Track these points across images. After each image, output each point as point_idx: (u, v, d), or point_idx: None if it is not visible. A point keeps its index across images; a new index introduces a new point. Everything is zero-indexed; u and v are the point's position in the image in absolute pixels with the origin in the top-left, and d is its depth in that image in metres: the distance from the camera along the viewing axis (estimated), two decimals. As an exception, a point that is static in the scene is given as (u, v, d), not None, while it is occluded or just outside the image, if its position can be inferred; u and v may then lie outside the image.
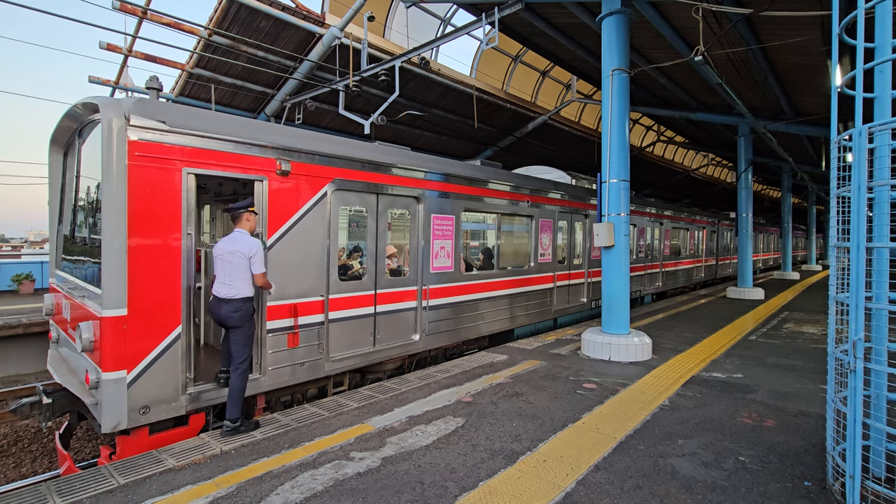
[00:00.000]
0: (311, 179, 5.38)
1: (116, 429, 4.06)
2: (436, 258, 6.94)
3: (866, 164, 2.93)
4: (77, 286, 4.95)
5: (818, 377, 5.98)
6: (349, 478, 3.43)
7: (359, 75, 9.73)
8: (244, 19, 10.11)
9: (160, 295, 4.25)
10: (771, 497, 3.24)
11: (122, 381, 4.04)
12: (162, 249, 4.27)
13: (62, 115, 5.39)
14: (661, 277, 14.75)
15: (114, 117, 4.04)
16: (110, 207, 4.03)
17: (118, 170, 4.04)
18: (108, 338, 3.99)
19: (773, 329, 9.36)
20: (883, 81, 3.23)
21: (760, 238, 27.74)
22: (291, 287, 5.21)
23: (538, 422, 4.50)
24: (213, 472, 3.53)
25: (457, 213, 7.31)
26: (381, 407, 4.86)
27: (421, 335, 6.68)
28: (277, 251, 5.06)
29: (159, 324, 4.25)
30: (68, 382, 4.60)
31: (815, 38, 7.58)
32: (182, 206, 4.37)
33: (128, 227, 4.07)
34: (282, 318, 5.11)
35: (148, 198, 4.19)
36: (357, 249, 6.30)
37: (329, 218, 5.52)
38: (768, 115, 12.72)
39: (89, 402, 4.21)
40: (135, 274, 4.10)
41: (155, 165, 4.23)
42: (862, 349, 2.87)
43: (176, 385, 4.34)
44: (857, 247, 2.94)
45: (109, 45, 9.75)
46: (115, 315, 4.00)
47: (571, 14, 8.22)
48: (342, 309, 5.71)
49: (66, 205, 5.95)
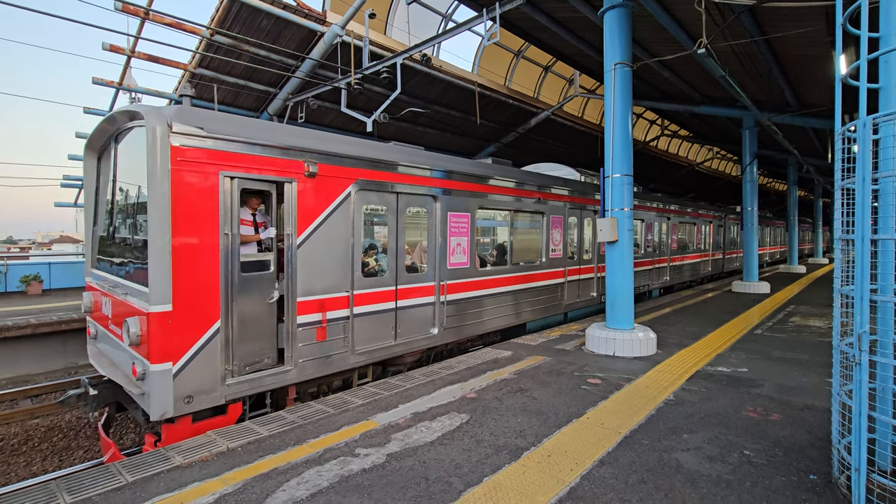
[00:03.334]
0: (336, 180, 5.63)
1: (163, 417, 4.33)
2: (452, 254, 7.17)
3: (871, 155, 2.90)
4: (118, 284, 5.14)
5: (824, 371, 5.95)
6: (354, 474, 3.45)
7: (360, 73, 9.72)
8: (246, 18, 10.13)
9: (201, 291, 4.52)
10: (776, 491, 3.23)
11: (168, 372, 4.32)
12: (202, 248, 4.53)
13: (100, 121, 5.67)
14: (668, 272, 14.86)
15: (157, 125, 4.29)
16: (155, 209, 4.29)
17: (162, 174, 4.30)
18: (154, 332, 4.27)
19: (779, 323, 9.31)
20: (889, 71, 3.20)
21: (767, 232, 27.59)
22: (319, 283, 5.45)
23: (542, 417, 4.50)
24: (219, 469, 3.56)
25: (472, 210, 7.51)
26: (385, 404, 4.88)
27: (439, 329, 6.91)
28: (306, 249, 5.32)
29: (200, 319, 4.51)
30: (114, 374, 4.89)
31: (820, 29, 7.49)
32: (219, 207, 4.65)
33: (171, 228, 4.32)
34: (311, 312, 5.35)
35: (189, 200, 4.44)
36: (373, 247, 6.48)
37: (353, 217, 5.77)
38: (773, 108, 12.61)
39: (136, 392, 4.49)
40: (178, 272, 4.36)
41: (194, 169, 4.49)
42: (867, 342, 2.85)
43: (216, 376, 4.61)
44: (861, 239, 2.92)
45: (112, 46, 9.79)
46: (161, 311, 4.28)
47: (573, 8, 8.17)
48: (366, 304, 5.96)
49: (101, 207, 6.23)
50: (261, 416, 5.04)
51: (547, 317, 9.46)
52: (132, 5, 8.65)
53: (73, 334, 9.60)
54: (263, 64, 10.70)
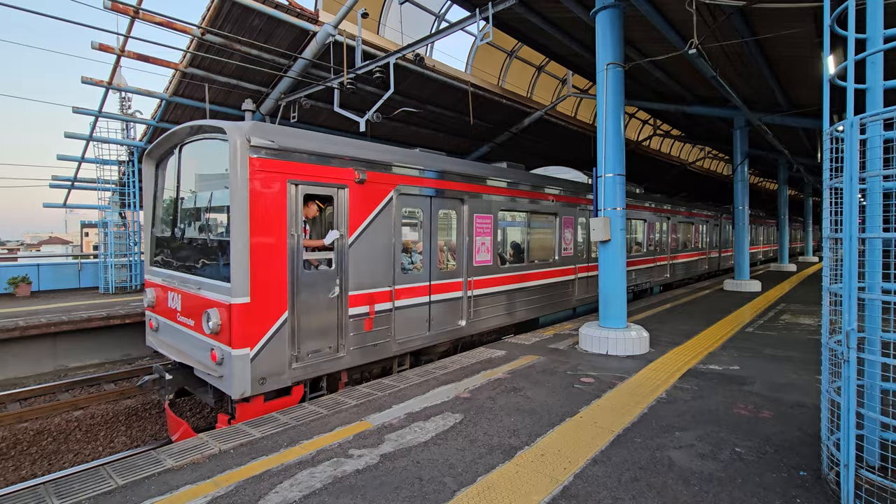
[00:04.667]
0: (380, 186, 6.23)
1: (242, 396, 4.89)
2: (478, 253, 7.76)
3: (858, 154, 2.94)
4: (189, 280, 5.67)
5: (814, 368, 6.01)
6: (348, 475, 3.44)
7: (353, 73, 9.69)
8: (237, 17, 10.06)
9: (273, 285, 5.07)
10: (767, 487, 3.26)
11: (247, 356, 4.88)
12: (274, 248, 5.09)
13: (167, 133, 6.33)
14: (669, 269, 15.47)
15: (238, 139, 4.86)
16: (237, 213, 4.84)
17: (242, 182, 4.86)
18: (236, 321, 4.83)
19: (770, 321, 9.40)
20: (875, 72, 3.23)
21: (761, 230, 27.92)
22: (367, 279, 6.06)
23: (536, 416, 4.52)
24: (211, 471, 3.54)
25: (494, 212, 8.13)
26: (379, 404, 4.87)
27: (466, 321, 7.52)
28: (356, 248, 5.93)
29: (272, 310, 5.07)
30: (187, 360, 5.47)
31: (808, 30, 7.57)
32: (289, 212, 5.21)
33: (249, 230, 4.86)
34: (360, 305, 5.96)
35: (263, 205, 5.01)
36: (410, 246, 7.03)
37: (394, 219, 6.37)
38: (763, 108, 12.73)
39: (215, 376, 5.04)
40: (255, 268, 4.90)
41: (267, 178, 5.05)
42: (855, 339, 2.89)
43: (284, 360, 5.18)
44: (849, 237, 2.95)
45: (101, 45, 9.69)
46: (242, 302, 4.84)
47: (565, 8, 8.20)
48: (405, 298, 6.57)
49: (159, 210, 6.83)
50: (318, 397, 5.59)
51: (558, 311, 10.00)
52: (122, 4, 8.57)
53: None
54: (255, 63, 10.64)
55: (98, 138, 13.29)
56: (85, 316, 9.88)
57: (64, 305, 11.35)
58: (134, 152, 13.91)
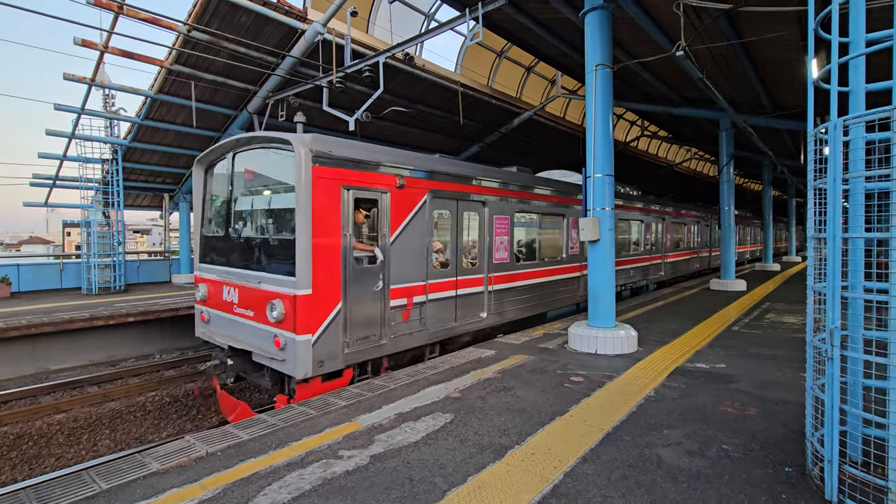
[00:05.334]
0: (417, 191, 6.88)
1: (305, 376, 5.50)
2: (497, 251, 8.41)
3: (842, 156, 2.99)
4: (247, 275, 6.23)
5: (799, 366, 6.12)
6: (337, 476, 3.41)
7: (342, 71, 9.63)
8: (224, 14, 9.95)
9: (330, 279, 5.69)
10: (753, 484, 3.31)
11: (309, 341, 5.48)
12: (330, 246, 5.71)
13: (221, 143, 6.95)
14: (663, 268, 16.27)
15: (303, 149, 5.47)
16: (301, 215, 5.45)
17: (306, 188, 5.45)
18: (301, 310, 5.41)
19: (755, 319, 9.55)
20: (857, 75, 3.29)
21: (748, 231, 28.49)
22: (405, 274, 6.66)
23: (526, 416, 4.53)
24: (198, 474, 3.49)
25: (511, 213, 8.78)
26: (369, 405, 4.85)
27: (487, 313, 8.20)
28: (396, 246, 6.55)
29: (329, 300, 5.68)
30: (247, 347, 6.04)
31: (793, 33, 7.71)
32: (342, 215, 5.82)
33: (312, 230, 5.46)
34: (400, 297, 6.56)
35: (323, 208, 5.61)
36: (440, 244, 7.56)
37: (427, 220, 7.02)
38: (749, 110, 12.93)
39: (278, 359, 5.60)
40: (315, 264, 5.51)
41: (326, 184, 5.67)
42: (839, 337, 2.94)
43: (338, 346, 5.79)
44: (833, 237, 3.01)
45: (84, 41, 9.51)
46: (305, 294, 5.45)
47: (555, 9, 8.24)
48: (435, 292, 7.19)
49: (208, 212, 7.40)
50: (364, 380, 6.15)
51: (565, 306, 10.55)
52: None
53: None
54: (243, 61, 10.52)
55: (81, 136, 13.04)
56: (66, 317, 9.69)
57: (45, 307, 11.12)
58: (118, 150, 13.67)
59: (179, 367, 10.18)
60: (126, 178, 14.58)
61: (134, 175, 15.20)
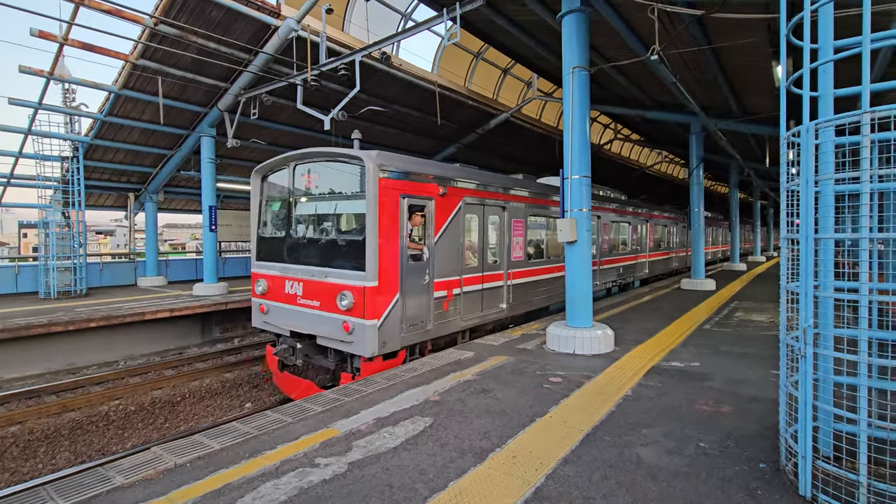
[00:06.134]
0: (454, 198, 7.88)
1: (372, 355, 6.44)
2: (514, 250, 9.44)
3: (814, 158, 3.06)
4: (313, 271, 7.09)
5: (768, 363, 6.29)
6: (314, 485, 3.30)
7: (317, 69, 9.45)
8: (193, 8, 9.62)
9: (391, 273, 6.66)
10: (729, 480, 3.36)
11: (375, 326, 6.43)
12: (392, 245, 6.68)
13: (281, 156, 7.85)
14: (647, 266, 17.37)
15: (371, 164, 6.47)
16: (370, 219, 6.44)
17: (374, 197, 6.44)
18: (369, 299, 6.39)
19: (725, 318, 9.82)
20: (826, 80, 3.39)
21: (719, 232, 29.46)
22: (446, 269, 7.66)
23: (506, 418, 4.50)
24: (166, 487, 3.31)
25: (525, 216, 9.83)
26: (346, 410, 4.73)
27: (507, 305, 9.20)
28: (439, 246, 7.53)
29: (390, 291, 6.65)
30: (313, 332, 6.99)
31: (762, 39, 7.96)
32: (400, 219, 6.80)
33: (378, 232, 6.44)
34: (441, 290, 7.55)
35: (386, 213, 6.59)
36: (470, 244, 8.47)
37: (461, 223, 8.02)
38: (718, 114, 13.32)
39: (347, 341, 6.54)
40: (381, 261, 6.48)
41: (388, 193, 6.63)
42: (812, 335, 3.01)
43: (396, 330, 6.75)
44: (805, 238, 3.07)
45: (42, 32, 9.04)
46: (373, 286, 6.42)
47: (532, 11, 8.28)
48: (467, 285, 8.17)
49: (265, 215, 8.22)
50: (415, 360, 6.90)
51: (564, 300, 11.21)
52: (65, -12, 8.01)
53: None
54: (213, 57, 10.20)
55: (38, 132, 12.39)
56: (22, 323, 9.17)
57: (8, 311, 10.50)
58: (79, 148, 13.05)
59: (145, 375, 9.77)
60: (88, 176, 13.94)
61: (97, 174, 14.55)
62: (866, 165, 2.74)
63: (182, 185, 16.70)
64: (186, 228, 73.83)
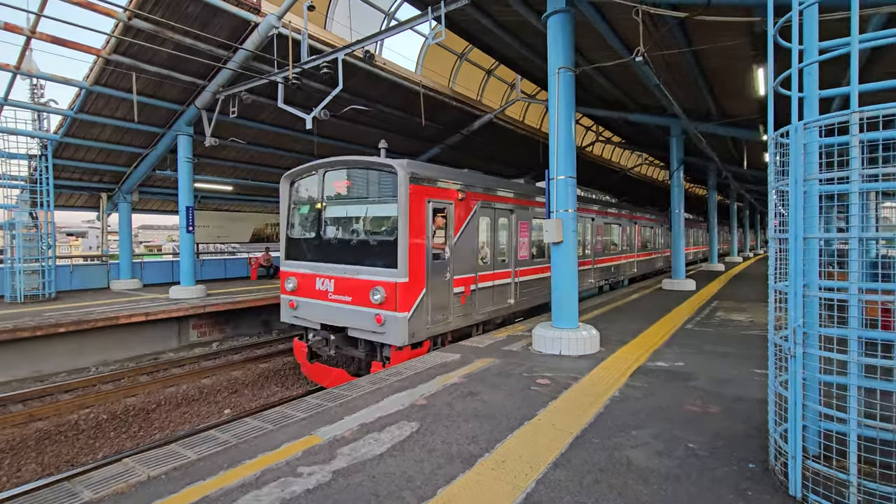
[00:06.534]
0: (471, 202, 8.54)
1: (402, 345, 7.03)
2: (520, 249, 10.09)
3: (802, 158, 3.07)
4: (345, 269, 7.66)
5: (750, 362, 6.36)
6: (297, 496, 3.16)
7: (299, 67, 9.26)
8: (170, 2, 9.34)
9: (419, 270, 7.28)
10: (720, 481, 3.34)
11: (405, 318, 7.04)
12: (419, 245, 7.31)
13: (310, 163, 8.47)
14: (636, 265, 18.41)
15: (402, 172, 7.10)
16: (402, 221, 7.09)
17: (405, 201, 7.09)
18: (400, 294, 7.01)
19: (707, 318, 9.94)
20: (811, 82, 3.41)
21: (699, 233, 30.10)
22: (463, 267, 8.28)
23: (494, 421, 4.42)
24: (138, 502, 3.13)
25: (530, 218, 10.54)
26: (329, 416, 4.58)
27: (514, 300, 9.91)
28: (458, 246, 8.17)
29: (417, 286, 7.26)
30: (344, 324, 7.62)
31: (743, 43, 8.08)
32: (426, 221, 7.47)
33: (409, 233, 7.08)
34: (459, 286, 8.19)
35: (415, 216, 7.24)
36: (484, 244, 9.06)
37: (476, 225, 8.68)
38: (697, 117, 13.52)
39: (379, 332, 7.15)
40: (410, 259, 7.12)
41: (416, 198, 7.30)
42: (801, 335, 3.00)
43: (423, 322, 7.36)
44: (794, 237, 3.07)
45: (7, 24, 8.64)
46: (404, 281, 7.04)
47: (516, 12, 8.25)
48: (481, 282, 8.82)
49: (294, 218, 8.78)
50: (437, 350, 7.35)
51: None
52: (32, -22, 7.68)
53: None
54: (190, 53, 9.91)
55: (3, 129, 11.86)
56: (-14, 328, 8.73)
57: (-39, 317, 9.99)
58: (48, 146, 12.55)
59: (118, 381, 9.41)
60: (58, 175, 13.41)
61: (67, 172, 14.00)
62: (856, 165, 2.74)
63: (158, 184, 16.21)
64: (163, 230, 71.96)
